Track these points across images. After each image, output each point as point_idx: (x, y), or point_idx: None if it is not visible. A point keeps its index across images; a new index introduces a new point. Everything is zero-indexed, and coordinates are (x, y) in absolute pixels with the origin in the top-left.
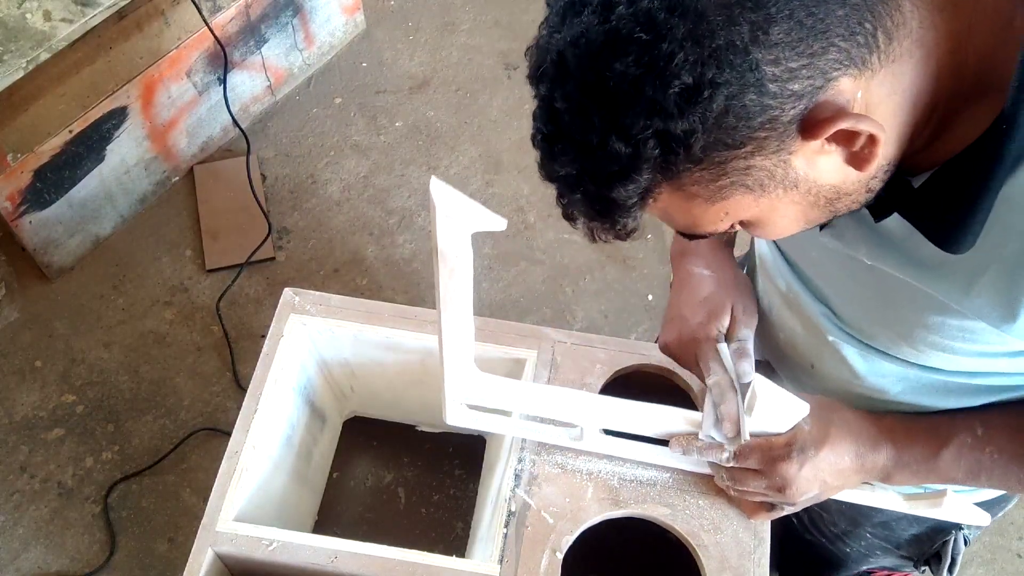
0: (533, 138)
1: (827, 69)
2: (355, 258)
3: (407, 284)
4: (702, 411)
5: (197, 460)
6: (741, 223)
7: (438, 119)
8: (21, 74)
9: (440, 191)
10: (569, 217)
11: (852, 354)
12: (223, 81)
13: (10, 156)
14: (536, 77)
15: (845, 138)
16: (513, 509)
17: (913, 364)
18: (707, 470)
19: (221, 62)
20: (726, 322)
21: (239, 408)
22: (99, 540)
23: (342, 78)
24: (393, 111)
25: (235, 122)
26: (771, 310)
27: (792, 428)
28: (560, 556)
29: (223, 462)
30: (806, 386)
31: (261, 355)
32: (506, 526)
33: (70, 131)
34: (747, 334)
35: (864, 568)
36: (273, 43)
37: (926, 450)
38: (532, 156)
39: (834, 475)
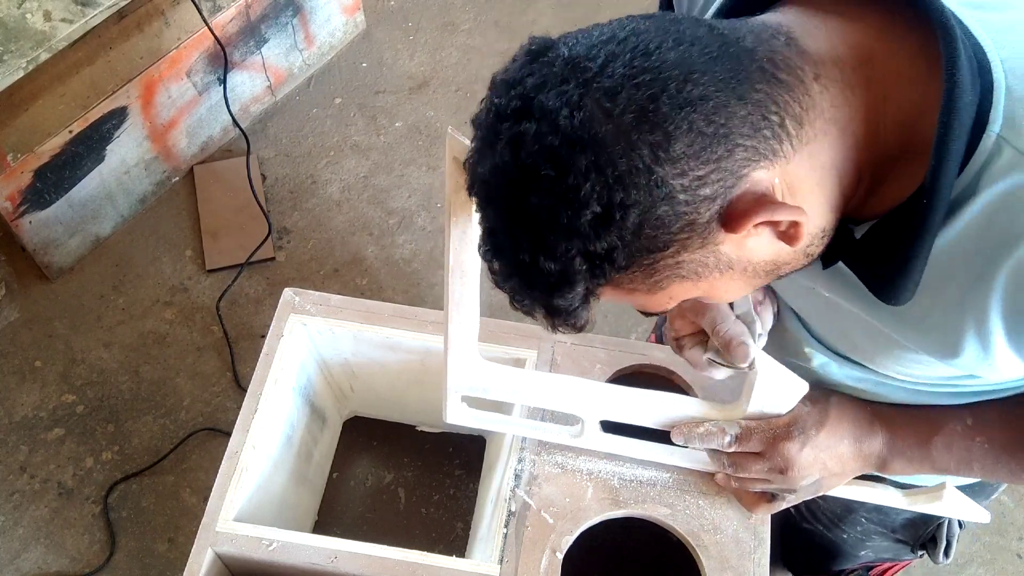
0: (480, 251)
1: (735, 169)
2: (355, 258)
3: (407, 284)
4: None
5: (197, 460)
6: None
7: (438, 119)
8: (21, 74)
9: (456, 140)
10: (528, 314)
11: (829, 364)
12: (223, 81)
13: (10, 156)
14: (472, 195)
15: (770, 224)
16: (513, 509)
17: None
18: (707, 467)
19: (221, 62)
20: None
21: (239, 408)
22: (99, 540)
23: (342, 78)
24: (393, 111)
25: (235, 122)
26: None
27: (792, 410)
28: (560, 556)
29: (223, 462)
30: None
31: (261, 355)
32: (506, 526)
33: (70, 131)
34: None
35: (863, 561)
36: (273, 43)
37: (919, 437)
38: None
39: (834, 459)
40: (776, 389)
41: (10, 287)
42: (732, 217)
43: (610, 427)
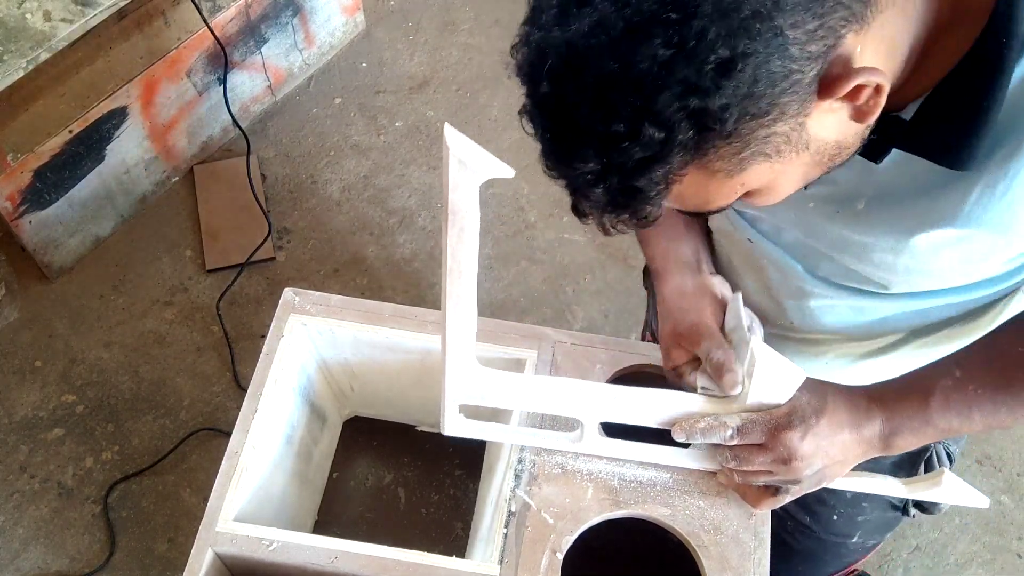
0: (540, 137)
1: (836, 27)
2: (355, 258)
3: (407, 284)
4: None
5: (197, 460)
6: (747, 193)
7: (438, 119)
8: (21, 74)
9: (453, 137)
10: (580, 213)
11: (827, 302)
12: (223, 81)
13: (10, 156)
14: (533, 75)
15: (853, 94)
16: (513, 509)
17: (888, 295)
18: (708, 465)
19: (221, 62)
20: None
21: (239, 408)
22: (99, 540)
23: (342, 78)
24: (393, 111)
25: (235, 122)
26: (734, 266)
27: (790, 399)
28: (560, 556)
29: (223, 462)
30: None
31: (261, 355)
32: (506, 526)
33: (70, 131)
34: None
35: (852, 556)
36: (273, 43)
37: (915, 404)
38: (532, 156)
39: (835, 447)
40: (774, 378)
41: (10, 287)
42: (829, 81)
43: (611, 430)
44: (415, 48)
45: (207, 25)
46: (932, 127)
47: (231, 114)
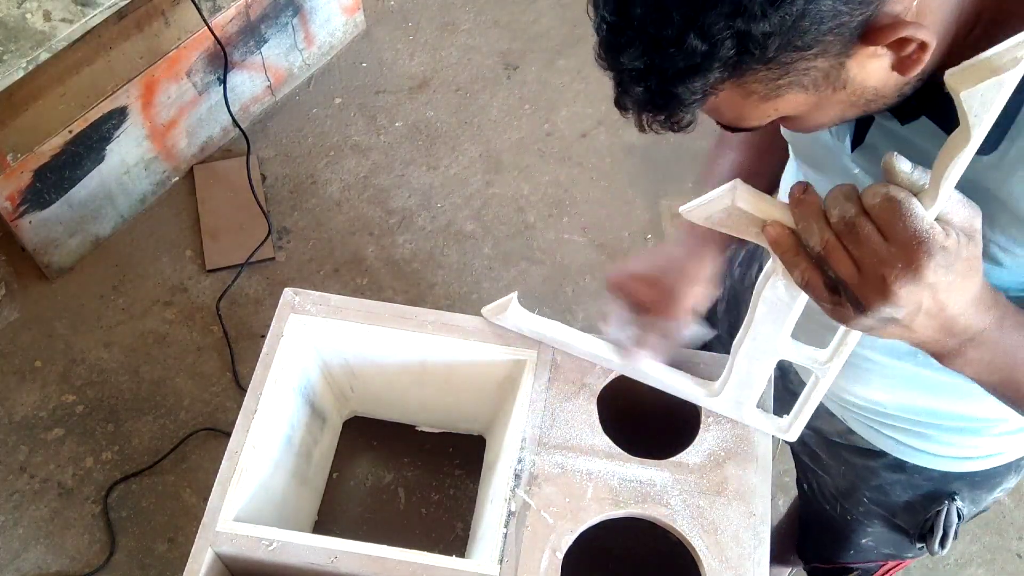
0: (597, 26)
1: None
2: (355, 258)
3: (407, 284)
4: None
5: (197, 460)
6: (782, 118)
7: (438, 119)
8: (21, 74)
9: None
10: (622, 107)
11: None
12: (223, 81)
13: (10, 156)
14: None
15: (898, 44)
16: (513, 509)
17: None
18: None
19: (221, 62)
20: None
21: (239, 408)
22: (99, 540)
23: (342, 78)
24: (393, 111)
25: (235, 122)
26: None
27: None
28: (560, 556)
29: (223, 462)
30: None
31: (261, 355)
32: (506, 526)
33: (70, 131)
34: (668, 328)
35: (865, 556)
36: (273, 43)
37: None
38: (532, 156)
39: (942, 296)
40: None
41: (10, 287)
42: (875, 28)
43: (611, 429)
44: (415, 48)
45: (207, 25)
46: None
47: (231, 114)
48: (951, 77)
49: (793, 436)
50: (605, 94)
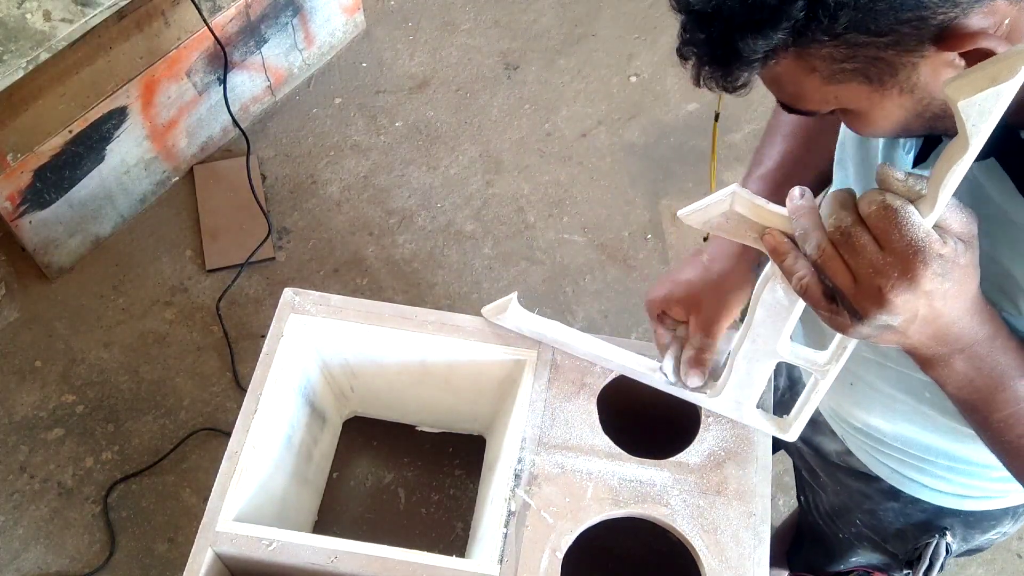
0: None
1: None
2: (355, 258)
3: (407, 284)
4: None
5: (197, 460)
6: (842, 111)
7: (438, 119)
8: (21, 74)
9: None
10: (683, 56)
11: None
12: (223, 81)
13: (10, 156)
14: None
15: (978, 58)
16: (513, 509)
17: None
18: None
19: (221, 62)
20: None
21: (239, 408)
22: (99, 540)
23: (342, 78)
24: (393, 111)
25: (235, 122)
26: None
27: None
28: (560, 556)
29: (223, 462)
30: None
31: (261, 355)
32: (506, 526)
33: (70, 131)
34: (704, 343)
35: (854, 566)
36: (273, 43)
37: (1016, 359)
38: (532, 156)
39: (932, 310)
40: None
41: (10, 287)
42: (956, 33)
43: (611, 430)
44: (415, 48)
45: (207, 25)
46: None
47: (231, 114)
48: (949, 87)
49: (793, 436)
50: (605, 94)
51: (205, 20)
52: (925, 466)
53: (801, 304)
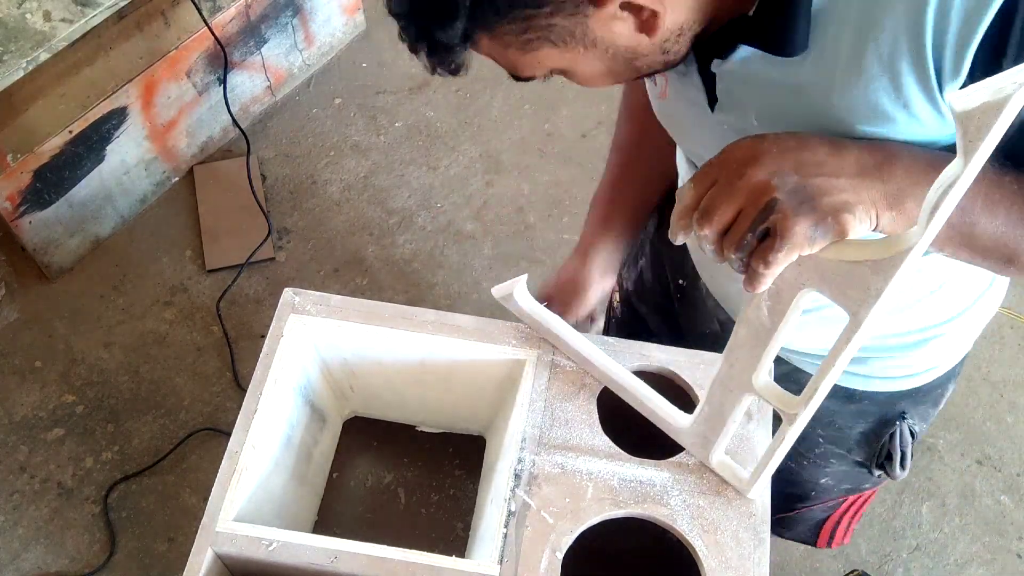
0: None
1: None
2: (355, 258)
3: (407, 284)
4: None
5: (197, 460)
6: (559, 72)
7: (438, 119)
8: (21, 74)
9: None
10: (412, 50)
11: None
12: (223, 81)
13: (10, 156)
14: None
15: (633, 8)
16: (513, 509)
17: None
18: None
19: (221, 62)
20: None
21: (239, 408)
22: (99, 540)
23: (342, 78)
24: (393, 111)
25: (235, 122)
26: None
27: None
28: (560, 556)
29: (223, 462)
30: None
31: (261, 355)
32: (506, 526)
33: (70, 131)
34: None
35: (825, 496)
36: (273, 43)
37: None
38: (533, 156)
39: (808, 151)
40: None
41: (10, 287)
42: None
43: (610, 431)
44: None
45: (207, 25)
46: (765, 18)
47: (231, 114)
48: (953, 98)
49: (753, 494)
50: (605, 94)
51: (205, 20)
52: (869, 355)
53: (781, 336)
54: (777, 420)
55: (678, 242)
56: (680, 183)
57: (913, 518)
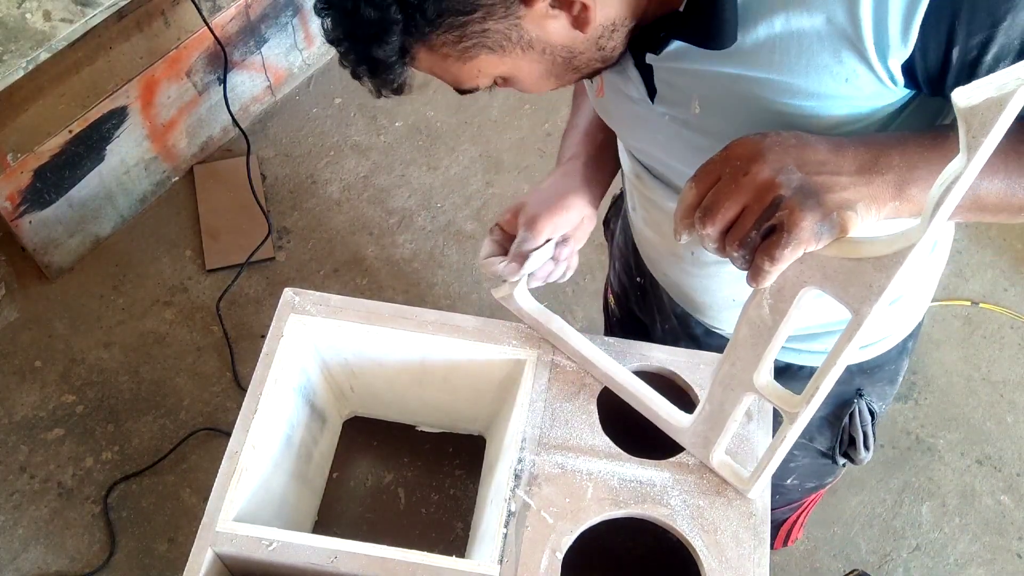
0: (314, 7)
1: None
2: (355, 258)
3: (407, 284)
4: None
5: (197, 460)
6: (500, 80)
7: (438, 119)
8: (21, 74)
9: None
10: (355, 76)
11: None
12: (223, 81)
13: (10, 156)
14: None
15: (565, 4)
16: (513, 509)
17: None
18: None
19: (221, 62)
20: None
21: (239, 408)
22: (99, 540)
23: (342, 78)
24: (393, 111)
25: (235, 122)
26: (641, 218)
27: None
28: (560, 556)
29: (223, 462)
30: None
31: (261, 355)
32: (506, 526)
33: (70, 131)
34: (524, 236)
35: (789, 498)
36: (273, 43)
37: (939, 154)
38: (532, 156)
39: (809, 151)
40: None
41: (10, 287)
42: None
43: (611, 431)
44: None
45: (207, 25)
46: (697, 15)
47: (231, 114)
48: (956, 94)
49: (753, 494)
50: None
51: (205, 20)
52: (818, 330)
53: (784, 332)
54: (777, 420)
55: (681, 241)
56: (624, 176)
57: (913, 518)
